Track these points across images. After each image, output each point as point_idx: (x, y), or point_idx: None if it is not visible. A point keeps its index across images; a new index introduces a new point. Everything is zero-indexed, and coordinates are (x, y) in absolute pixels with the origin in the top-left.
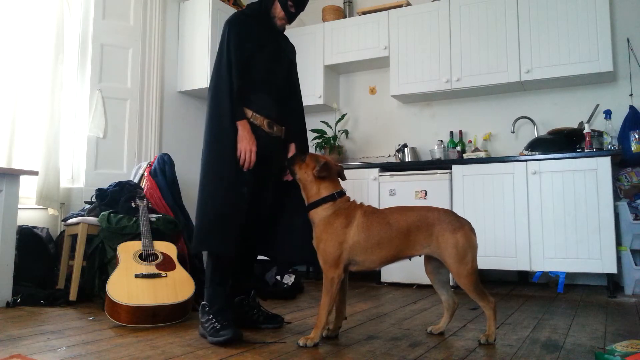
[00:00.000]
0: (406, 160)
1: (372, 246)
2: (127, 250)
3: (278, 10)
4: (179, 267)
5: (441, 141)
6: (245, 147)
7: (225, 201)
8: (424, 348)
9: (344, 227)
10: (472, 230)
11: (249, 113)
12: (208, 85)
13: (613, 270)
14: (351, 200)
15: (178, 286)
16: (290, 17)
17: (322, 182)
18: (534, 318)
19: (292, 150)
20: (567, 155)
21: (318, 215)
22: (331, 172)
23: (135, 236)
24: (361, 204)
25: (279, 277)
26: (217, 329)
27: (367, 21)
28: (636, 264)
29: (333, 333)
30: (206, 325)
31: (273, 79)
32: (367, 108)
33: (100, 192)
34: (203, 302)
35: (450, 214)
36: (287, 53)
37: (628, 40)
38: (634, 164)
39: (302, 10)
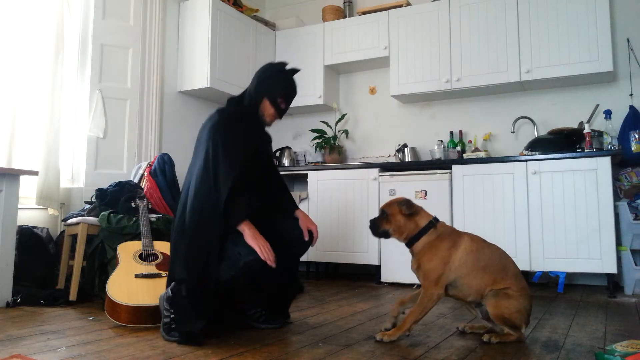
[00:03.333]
0: (406, 160)
1: (479, 269)
2: (127, 250)
3: (268, 108)
4: None
5: (441, 141)
6: (261, 244)
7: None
8: (424, 348)
9: (449, 248)
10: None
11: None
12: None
13: (613, 270)
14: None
15: None
16: (281, 113)
17: (414, 216)
18: (534, 318)
19: (302, 218)
20: (567, 155)
21: (421, 242)
22: (415, 205)
23: (135, 236)
24: (463, 232)
25: None
26: (172, 328)
27: (367, 21)
28: (636, 264)
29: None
30: (166, 315)
31: (253, 177)
32: (367, 108)
33: (100, 192)
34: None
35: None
36: (266, 148)
37: (628, 40)
38: (634, 164)
39: (291, 103)
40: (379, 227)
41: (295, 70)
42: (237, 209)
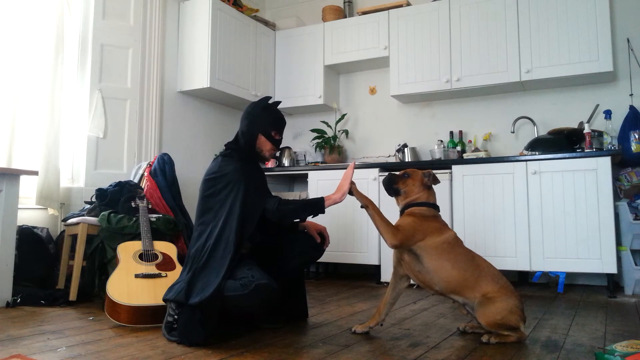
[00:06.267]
0: (406, 160)
1: (448, 258)
2: (127, 250)
3: (264, 143)
4: (179, 267)
5: (441, 141)
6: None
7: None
8: (424, 348)
9: (434, 224)
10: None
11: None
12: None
13: (613, 270)
14: None
15: None
16: (278, 145)
17: (428, 191)
18: (534, 318)
19: (309, 225)
20: (567, 155)
21: (416, 208)
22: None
23: (135, 236)
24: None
25: None
26: (174, 327)
27: (367, 21)
28: (636, 264)
29: (361, 329)
30: (170, 314)
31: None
32: (367, 108)
33: (100, 192)
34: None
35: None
36: (265, 180)
37: (628, 40)
38: (634, 164)
39: (283, 133)
40: (394, 183)
41: (278, 103)
42: (305, 200)
